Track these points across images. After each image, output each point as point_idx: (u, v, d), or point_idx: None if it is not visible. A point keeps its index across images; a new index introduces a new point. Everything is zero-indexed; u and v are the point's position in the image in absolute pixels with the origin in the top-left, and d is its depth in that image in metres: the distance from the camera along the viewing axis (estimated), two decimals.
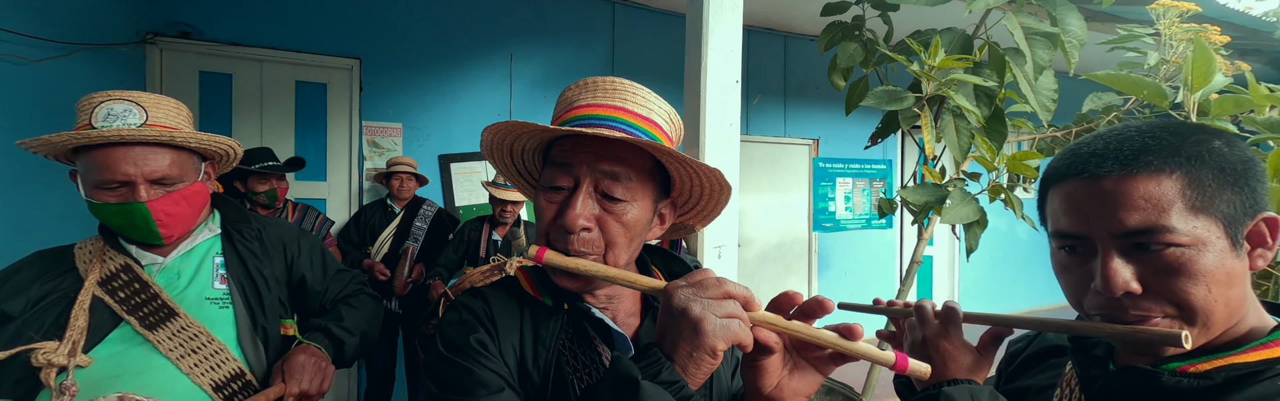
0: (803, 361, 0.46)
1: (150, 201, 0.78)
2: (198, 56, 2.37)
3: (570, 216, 0.49)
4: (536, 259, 0.49)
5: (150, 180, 0.78)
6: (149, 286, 0.81)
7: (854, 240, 3.96)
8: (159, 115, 0.81)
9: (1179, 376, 0.44)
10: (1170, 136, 0.44)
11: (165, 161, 0.79)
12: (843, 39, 1.95)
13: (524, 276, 0.59)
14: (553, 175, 0.52)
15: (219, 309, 0.84)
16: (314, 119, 2.60)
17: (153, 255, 0.85)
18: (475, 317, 0.54)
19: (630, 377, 0.40)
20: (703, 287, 0.43)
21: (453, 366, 0.50)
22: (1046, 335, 0.62)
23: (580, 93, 0.56)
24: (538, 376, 0.52)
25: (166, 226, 0.81)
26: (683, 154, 0.51)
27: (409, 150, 2.74)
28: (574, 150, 0.52)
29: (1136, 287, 0.43)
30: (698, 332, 0.41)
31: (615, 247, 0.52)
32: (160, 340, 0.78)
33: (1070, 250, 0.47)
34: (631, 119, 0.54)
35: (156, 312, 0.79)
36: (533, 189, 0.65)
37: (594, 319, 0.54)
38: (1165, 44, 1.90)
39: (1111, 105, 2.13)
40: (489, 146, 0.58)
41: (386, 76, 2.69)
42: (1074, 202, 0.46)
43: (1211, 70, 1.34)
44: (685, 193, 0.59)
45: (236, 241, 0.91)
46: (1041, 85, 1.74)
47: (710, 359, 0.41)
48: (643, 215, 0.53)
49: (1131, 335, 0.43)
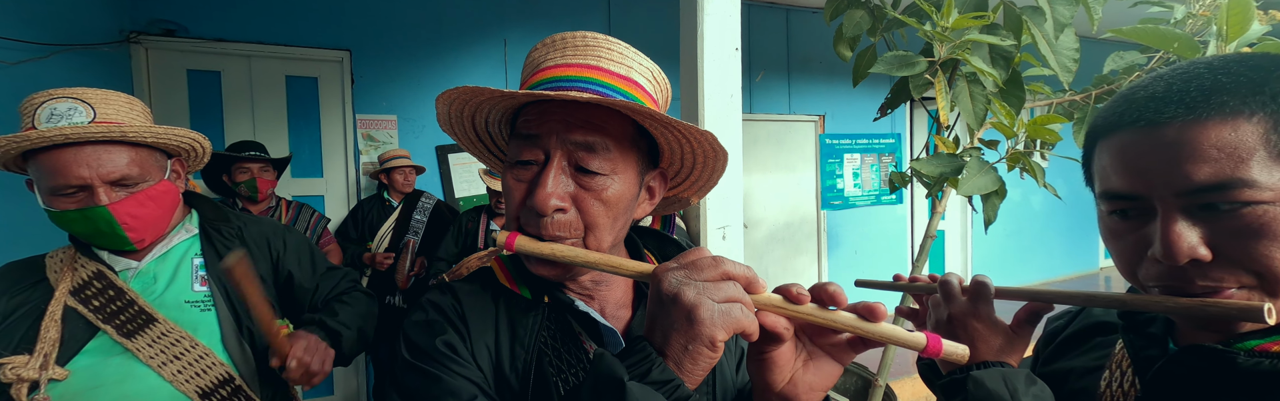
0: (817, 350, 0.40)
1: (112, 205, 0.73)
2: (183, 54, 2.32)
3: (540, 196, 0.43)
4: (507, 246, 0.44)
5: (108, 182, 0.73)
6: (124, 292, 0.78)
7: (864, 217, 3.88)
8: (108, 111, 0.75)
9: (1258, 356, 0.37)
10: (1249, 71, 0.36)
11: (122, 160, 0.74)
12: (848, 6, 1.85)
13: (499, 266, 0.54)
14: (518, 149, 0.46)
15: (201, 312, 0.81)
16: (307, 114, 2.56)
17: (126, 260, 0.82)
18: (444, 317, 0.48)
19: (614, 378, 0.34)
20: (697, 269, 0.37)
21: (417, 373, 0.45)
22: (1092, 311, 0.56)
23: (548, 52, 0.49)
24: (516, 380, 0.46)
25: (135, 230, 0.77)
26: (667, 116, 0.44)
27: (405, 142, 2.69)
28: (540, 119, 0.45)
29: (1205, 254, 0.36)
30: (693, 321, 0.35)
31: (596, 229, 0.46)
32: (139, 348, 0.75)
33: (1122, 214, 0.40)
34: (608, 79, 0.47)
35: (134, 319, 0.76)
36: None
37: (579, 312, 0.49)
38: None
39: (1134, 65, 2.02)
40: (446, 119, 0.51)
41: (378, 68, 2.63)
42: (1128, 157, 0.39)
43: (1248, 19, 1.24)
44: (675, 161, 0.53)
45: (216, 241, 0.87)
46: (1062, 45, 1.64)
47: (709, 352, 0.35)
48: (626, 190, 0.47)
49: (1200, 309, 0.36)
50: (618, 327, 0.50)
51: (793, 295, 0.37)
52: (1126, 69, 2.05)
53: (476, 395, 0.43)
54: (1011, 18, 1.65)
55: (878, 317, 0.36)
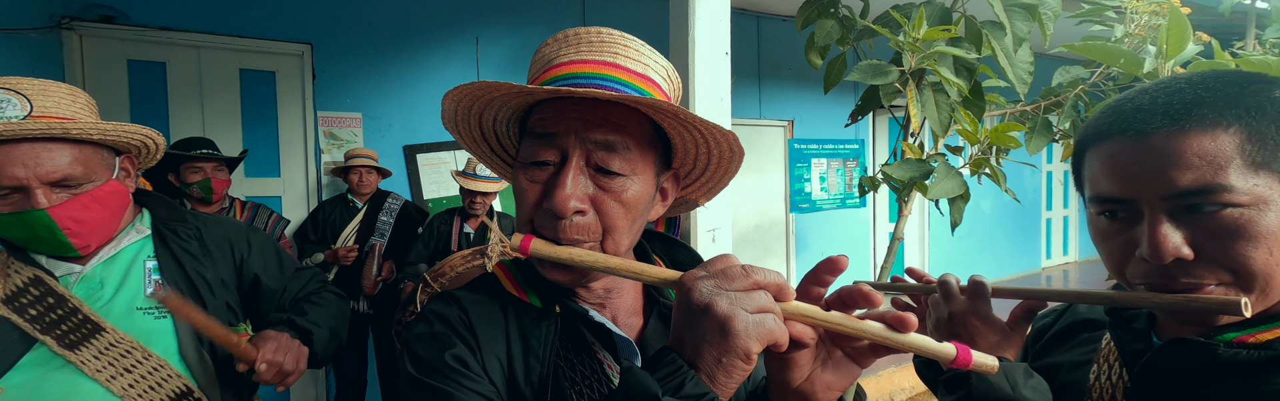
0: (837, 351, 0.40)
1: (52, 208, 0.66)
2: (124, 43, 2.14)
3: (560, 198, 0.41)
4: (521, 250, 0.42)
5: (48, 182, 0.67)
6: (65, 300, 0.70)
7: (829, 220, 4.00)
8: (47, 104, 0.68)
9: (1237, 347, 0.41)
10: (1225, 86, 0.40)
11: (64, 159, 0.67)
12: (819, 16, 1.91)
13: (504, 273, 0.52)
14: (534, 148, 0.44)
15: (155, 319, 0.75)
16: (263, 110, 2.41)
17: (68, 264, 0.74)
18: (450, 328, 0.46)
19: (647, 393, 0.33)
20: (727, 277, 0.35)
21: (426, 391, 0.42)
22: (1077, 308, 0.59)
23: (561, 47, 0.47)
24: (532, 394, 0.44)
25: (78, 235, 0.70)
26: (694, 115, 0.43)
27: (371, 142, 2.59)
28: (558, 117, 0.44)
29: (1188, 253, 0.39)
30: (727, 333, 0.33)
31: (615, 232, 0.44)
32: (85, 360, 0.68)
33: (1111, 215, 0.43)
34: (625, 76, 0.46)
35: (77, 329, 0.69)
36: (510, 169, 0.57)
37: (591, 321, 0.47)
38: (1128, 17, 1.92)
39: (1078, 78, 2.17)
40: (452, 117, 0.49)
41: (342, 63, 2.51)
42: (1118, 163, 0.42)
43: (1186, 38, 1.35)
44: (687, 162, 0.52)
45: (171, 242, 0.80)
46: (1019, 58, 1.74)
47: (743, 364, 0.34)
48: (645, 191, 0.45)
49: (1183, 305, 0.39)
50: (630, 336, 0.49)
51: (821, 280, 0.37)
52: (1071, 82, 2.20)
53: None
54: (972, 31, 1.74)
55: (908, 328, 0.35)
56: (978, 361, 0.35)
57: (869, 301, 0.36)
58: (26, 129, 0.65)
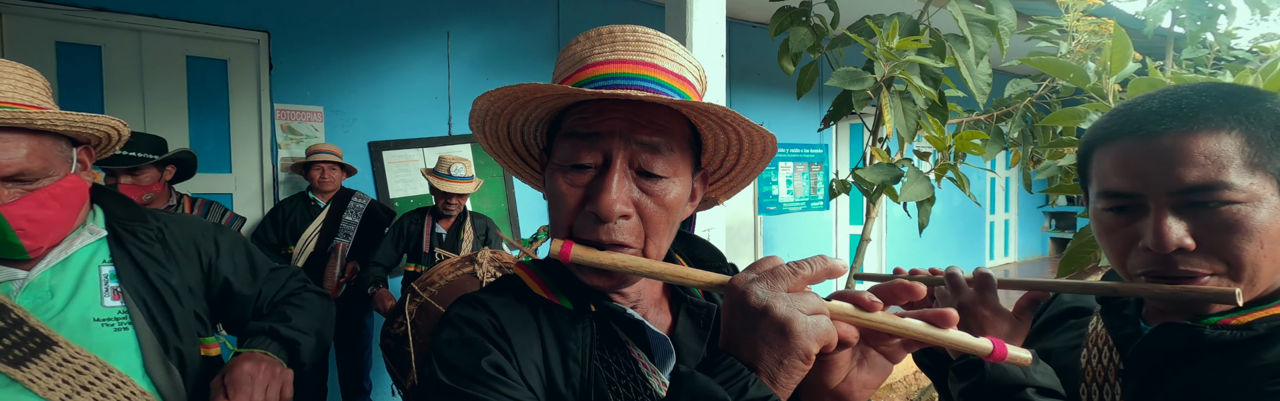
0: (871, 350, 0.40)
1: (5, 206, 0.60)
2: (53, 23, 1.95)
3: (606, 201, 0.41)
4: (561, 256, 0.41)
5: (1, 177, 0.60)
6: (8, 311, 0.63)
7: (795, 222, 4.12)
8: (3, 88, 0.61)
9: (1221, 329, 0.45)
10: (1226, 96, 0.45)
11: (21, 151, 0.61)
12: (792, 24, 1.97)
13: (529, 275, 0.50)
14: (575, 150, 0.43)
15: (114, 331, 0.68)
16: (212, 101, 2.25)
17: (10, 269, 0.66)
18: (481, 334, 0.44)
19: (716, 398, 0.32)
20: (778, 278, 0.35)
21: (460, 397, 0.41)
22: (1062, 298, 0.63)
23: (595, 46, 0.47)
24: (573, 398, 0.44)
25: (32, 237, 0.63)
26: (743, 117, 0.43)
27: (333, 137, 2.46)
28: (601, 118, 0.43)
29: (1191, 243, 0.43)
30: (787, 335, 0.33)
31: (656, 236, 0.44)
32: (34, 378, 0.61)
33: (1118, 210, 0.47)
34: (664, 77, 0.45)
35: (23, 344, 0.62)
36: (530, 171, 0.56)
37: (627, 320, 0.46)
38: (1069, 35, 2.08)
39: (1027, 91, 2.33)
40: (481, 118, 0.47)
41: (302, 53, 2.38)
42: (1128, 161, 0.45)
43: (1128, 57, 1.48)
44: (715, 162, 0.52)
45: (130, 245, 0.73)
46: (980, 70, 1.85)
47: (803, 365, 0.34)
48: (684, 193, 0.46)
49: (1182, 294, 0.43)
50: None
51: (865, 303, 0.37)
52: (1020, 94, 2.36)
53: None
54: (937, 43, 1.84)
55: (949, 324, 0.36)
56: (1013, 354, 0.37)
57: (913, 293, 0.37)
58: None
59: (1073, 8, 2.08)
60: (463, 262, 0.95)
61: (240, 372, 0.69)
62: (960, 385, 0.51)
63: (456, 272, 0.93)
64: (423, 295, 0.90)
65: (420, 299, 0.91)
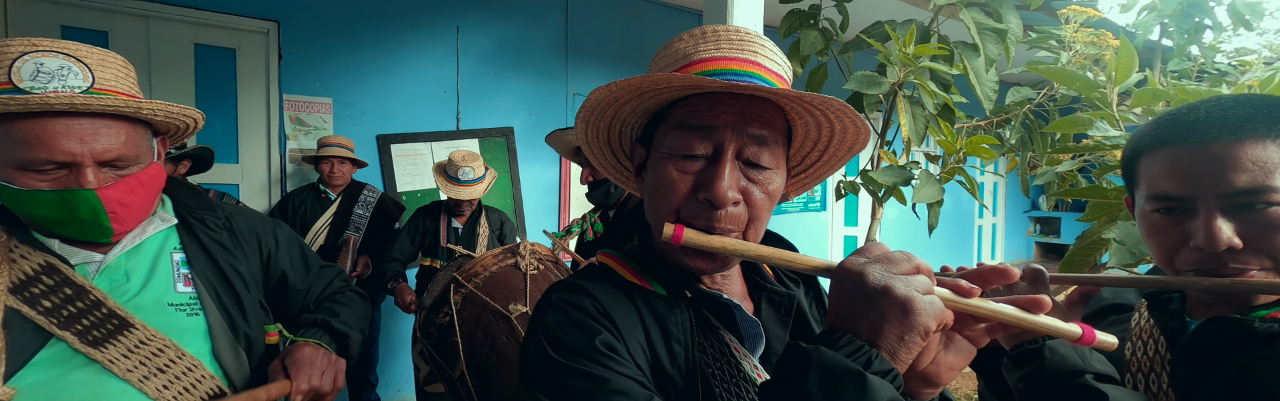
0: (956, 334, 0.42)
1: (101, 189, 0.61)
2: (58, 7, 1.90)
3: (720, 189, 0.44)
4: (673, 239, 0.43)
5: (100, 162, 0.61)
6: (87, 292, 0.64)
7: (792, 223, 4.19)
8: (106, 76, 0.62)
9: (1269, 322, 0.49)
10: (1267, 107, 0.49)
11: (121, 138, 0.62)
12: (801, 27, 2.01)
13: (618, 263, 0.53)
14: (687, 140, 0.46)
15: (187, 316, 0.69)
16: (220, 90, 2.22)
17: (86, 252, 0.67)
18: (588, 316, 0.46)
19: (848, 370, 0.34)
20: (893, 262, 0.37)
21: (577, 375, 0.42)
22: (1103, 294, 0.67)
23: (698, 43, 0.49)
24: (681, 378, 0.46)
25: (121, 220, 0.64)
26: (860, 116, 0.46)
27: (341, 129, 2.44)
28: (715, 111, 0.45)
29: (1239, 242, 0.47)
30: (908, 312, 0.35)
31: (757, 223, 0.47)
32: (113, 359, 0.62)
33: (1167, 211, 0.51)
34: (767, 74, 0.48)
35: (102, 325, 0.63)
36: (613, 161, 0.58)
37: (718, 306, 0.49)
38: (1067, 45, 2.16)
39: (1026, 98, 2.41)
40: (594, 107, 0.49)
41: (312, 44, 2.35)
42: (1179, 167, 0.50)
43: (1133, 66, 1.55)
44: (796, 158, 0.55)
45: (199, 232, 0.74)
46: (987, 77, 1.91)
47: (921, 342, 0.36)
48: (783, 184, 0.49)
49: (1232, 287, 0.48)
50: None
51: (964, 289, 0.39)
52: (1020, 102, 2.44)
53: (651, 396, 0.42)
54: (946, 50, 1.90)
55: (1042, 309, 0.38)
56: (1101, 339, 0.39)
57: (1006, 278, 0.39)
58: (104, 104, 0.59)
59: (1073, 19, 2.15)
60: (505, 254, 0.97)
61: (301, 355, 0.71)
62: (1018, 372, 0.53)
63: (500, 264, 0.94)
64: (468, 285, 0.92)
65: (465, 289, 0.92)
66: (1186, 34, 2.33)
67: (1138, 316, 0.60)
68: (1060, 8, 2.16)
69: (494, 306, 0.90)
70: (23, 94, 0.57)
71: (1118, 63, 1.57)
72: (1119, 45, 1.80)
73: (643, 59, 3.27)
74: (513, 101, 2.90)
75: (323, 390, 0.69)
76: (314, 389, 0.68)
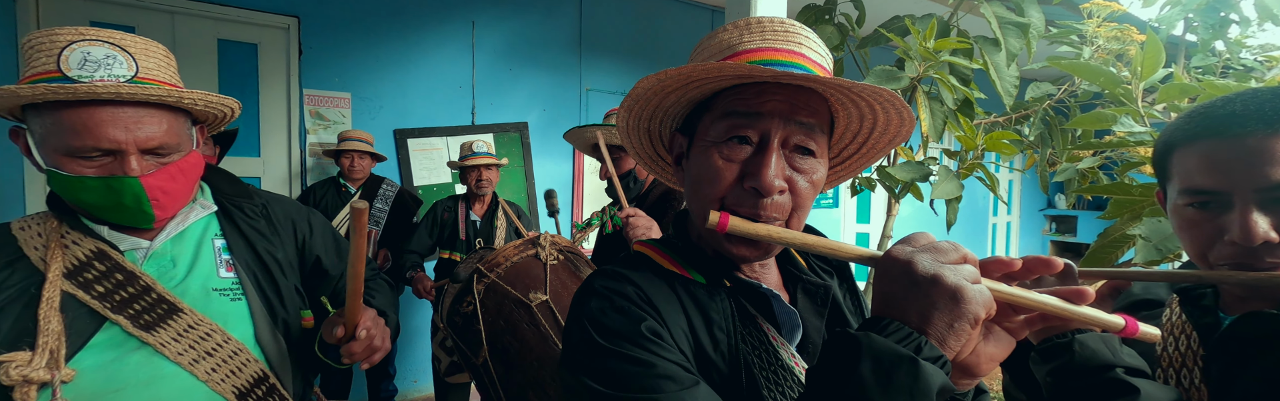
0: (995, 325, 0.41)
1: (144, 177, 0.62)
2: (87, 3, 1.95)
3: (767, 177, 0.44)
4: (719, 226, 0.43)
5: (143, 149, 0.63)
6: (137, 277, 0.66)
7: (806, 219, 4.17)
8: (149, 65, 0.64)
9: None
10: None
11: (163, 126, 0.63)
12: (816, 22, 2.00)
13: (655, 252, 0.53)
14: (731, 127, 0.46)
15: (230, 301, 0.71)
16: (242, 85, 2.26)
17: (133, 238, 0.69)
18: (631, 303, 0.46)
19: (900, 355, 0.34)
20: (941, 251, 0.37)
21: (622, 359, 0.42)
22: (1132, 290, 0.67)
23: (743, 34, 0.49)
24: (724, 364, 0.46)
25: (162, 207, 0.66)
26: (908, 108, 0.46)
27: (359, 123, 2.47)
28: (762, 99, 0.46)
29: (1276, 237, 0.47)
30: (958, 300, 0.35)
31: (800, 211, 0.47)
32: (165, 342, 0.64)
33: (1202, 206, 0.51)
34: (810, 65, 0.48)
35: (152, 309, 0.65)
36: (649, 150, 0.58)
37: (756, 295, 0.50)
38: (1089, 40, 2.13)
39: (1046, 94, 2.38)
40: (641, 96, 0.49)
41: (331, 39, 2.38)
42: (1214, 160, 0.49)
43: (1159, 61, 1.52)
44: (834, 149, 0.55)
45: (238, 219, 0.76)
46: (1008, 72, 1.89)
47: (970, 329, 0.35)
48: (825, 173, 0.49)
49: (1269, 281, 0.47)
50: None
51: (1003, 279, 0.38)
52: (1039, 98, 2.41)
53: (698, 381, 0.42)
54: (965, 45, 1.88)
55: (1086, 301, 0.38)
56: (1144, 330, 0.39)
57: (1050, 268, 0.39)
58: (149, 94, 0.60)
59: (1096, 14, 2.12)
60: (525, 245, 0.98)
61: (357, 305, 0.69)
62: (1047, 366, 0.52)
63: (521, 254, 0.96)
64: (490, 275, 0.94)
65: (488, 279, 0.94)
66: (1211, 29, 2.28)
67: (1169, 312, 0.60)
68: (1082, 2, 2.13)
69: (515, 295, 0.92)
70: (71, 82, 0.58)
71: (1144, 57, 1.55)
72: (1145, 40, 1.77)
73: (657, 54, 3.27)
74: (527, 97, 2.92)
75: (376, 341, 0.70)
76: (373, 333, 0.69)
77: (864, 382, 0.34)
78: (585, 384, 0.43)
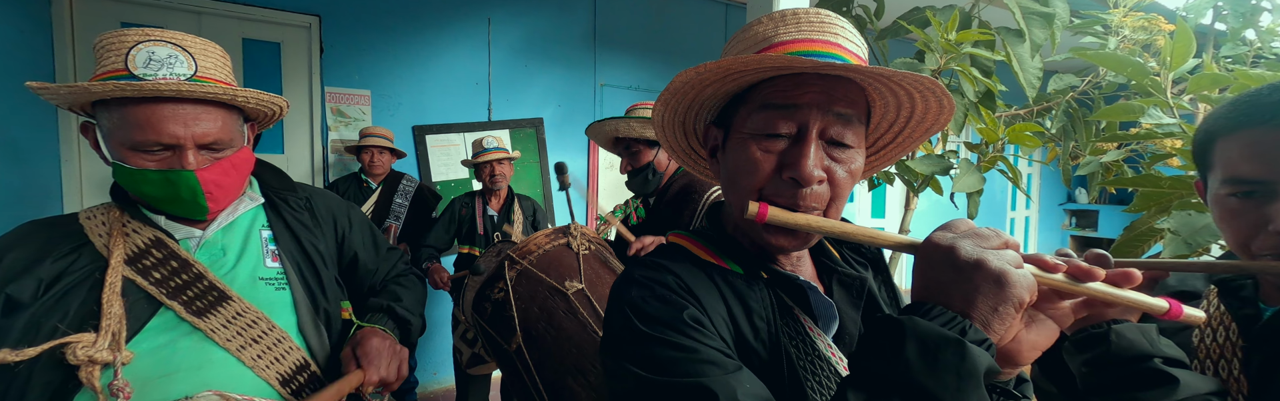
0: (1038, 312, 0.41)
1: (200, 171, 0.66)
2: (117, 4, 2.00)
3: (806, 168, 0.44)
4: (758, 217, 0.44)
5: (200, 144, 0.66)
6: (190, 265, 0.69)
7: None
8: (207, 65, 0.67)
9: None
10: None
11: (217, 123, 0.67)
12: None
13: (691, 243, 0.54)
14: (771, 120, 0.46)
15: (275, 291, 0.73)
16: (266, 83, 2.30)
17: (188, 228, 0.72)
18: (672, 291, 0.47)
19: (947, 338, 0.34)
20: (983, 237, 0.37)
21: (664, 344, 0.43)
22: (1167, 281, 0.66)
23: (778, 26, 0.49)
24: (765, 352, 0.46)
25: (216, 200, 0.69)
26: (951, 97, 0.46)
27: (379, 120, 2.51)
28: (799, 90, 0.46)
29: None
30: (1003, 284, 0.35)
31: (837, 201, 0.47)
32: (214, 328, 0.67)
33: (1245, 195, 0.51)
34: (849, 57, 0.48)
35: (204, 296, 0.68)
36: (683, 143, 0.59)
37: (793, 286, 0.50)
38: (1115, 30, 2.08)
39: (1069, 86, 2.34)
40: (679, 89, 0.49)
41: (351, 37, 2.41)
42: (1259, 149, 0.49)
43: (1190, 50, 1.49)
44: (868, 139, 0.55)
45: (284, 212, 0.79)
46: (1031, 64, 1.86)
47: (1015, 313, 0.35)
48: (863, 164, 0.49)
49: None
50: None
51: (1049, 265, 0.38)
52: (1062, 90, 2.36)
53: (741, 366, 0.42)
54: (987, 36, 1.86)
55: (1132, 284, 0.37)
56: (1188, 313, 0.39)
57: (1103, 265, 0.39)
58: (207, 91, 0.63)
59: (1122, 3, 2.08)
60: (556, 234, 1.00)
61: (371, 346, 0.74)
62: (1081, 356, 0.51)
63: (552, 243, 0.98)
64: (522, 262, 0.96)
65: (520, 266, 0.96)
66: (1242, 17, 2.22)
67: (1206, 303, 0.60)
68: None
69: (550, 282, 0.93)
70: (137, 80, 0.62)
71: (1173, 47, 1.52)
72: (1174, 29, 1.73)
73: (671, 49, 3.26)
74: (542, 92, 2.93)
75: (389, 380, 0.73)
76: (383, 379, 0.72)
77: (909, 364, 0.34)
78: (628, 369, 0.43)
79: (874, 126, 0.54)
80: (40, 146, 1.89)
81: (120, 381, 0.59)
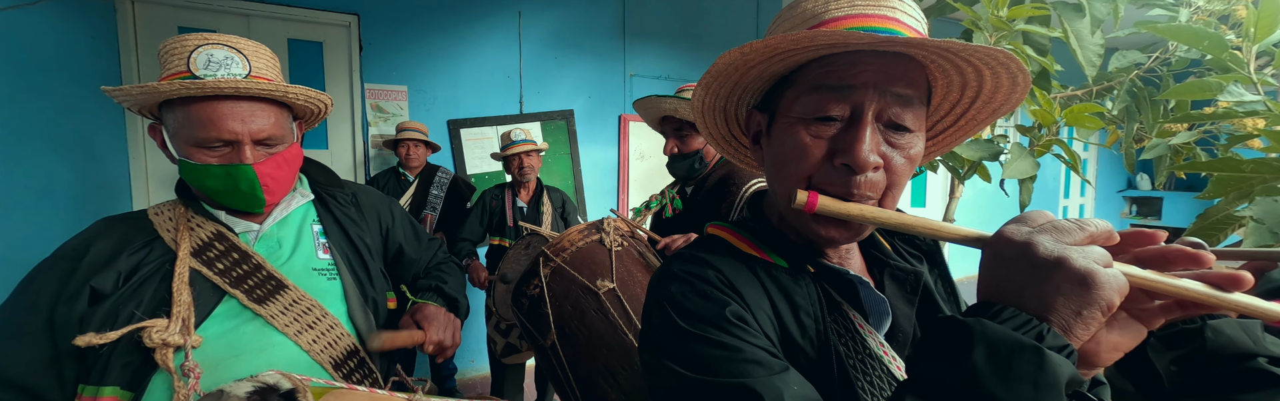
0: (1122, 312, 0.37)
1: (256, 165, 0.70)
2: (175, 10, 2.11)
3: (861, 153, 0.40)
4: (807, 207, 0.41)
5: (255, 140, 0.70)
6: (250, 256, 0.73)
7: None
8: (260, 65, 0.71)
9: None
10: None
11: (271, 119, 0.70)
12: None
13: (733, 235, 0.51)
14: (822, 102, 0.42)
15: (327, 281, 0.77)
16: (311, 81, 2.39)
17: (246, 222, 0.77)
18: (713, 287, 0.44)
19: (1021, 343, 0.30)
20: (1064, 232, 0.33)
21: (706, 343, 0.40)
22: (1270, 276, 0.60)
23: (829, 2, 0.45)
24: (814, 350, 0.44)
25: (272, 193, 0.73)
26: (1028, 75, 0.42)
27: (415, 115, 2.57)
28: (853, 69, 0.42)
29: None
30: (1089, 286, 0.31)
31: (894, 189, 0.43)
32: (273, 315, 0.71)
33: None
34: (907, 31, 0.44)
35: (263, 285, 0.72)
36: (723, 130, 0.56)
37: (841, 281, 0.47)
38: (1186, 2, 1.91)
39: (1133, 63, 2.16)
40: (722, 71, 0.46)
41: (388, 34, 2.48)
42: None
43: (1276, 22, 1.35)
44: (928, 123, 0.50)
45: (333, 207, 0.84)
46: (1091, 41, 1.74)
47: (1102, 317, 0.32)
48: (923, 148, 0.45)
49: None
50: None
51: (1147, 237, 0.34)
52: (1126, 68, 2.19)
53: (787, 366, 0.40)
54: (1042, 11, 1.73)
55: (1239, 287, 0.33)
56: None
57: (1199, 263, 0.34)
58: (261, 89, 0.67)
59: None
60: (589, 230, 1.00)
61: (430, 311, 0.79)
62: (1171, 354, 0.45)
63: (585, 239, 0.98)
64: (556, 259, 0.97)
65: (554, 263, 0.97)
66: None
67: None
68: None
69: (582, 281, 0.94)
70: (199, 80, 0.66)
71: (1258, 16, 1.38)
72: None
73: (701, 39, 3.21)
74: (573, 84, 2.94)
75: (446, 343, 0.77)
76: (441, 341, 0.76)
77: (978, 371, 0.31)
78: (669, 366, 0.41)
79: (934, 108, 0.50)
80: (111, 145, 2.04)
81: (191, 362, 0.63)
